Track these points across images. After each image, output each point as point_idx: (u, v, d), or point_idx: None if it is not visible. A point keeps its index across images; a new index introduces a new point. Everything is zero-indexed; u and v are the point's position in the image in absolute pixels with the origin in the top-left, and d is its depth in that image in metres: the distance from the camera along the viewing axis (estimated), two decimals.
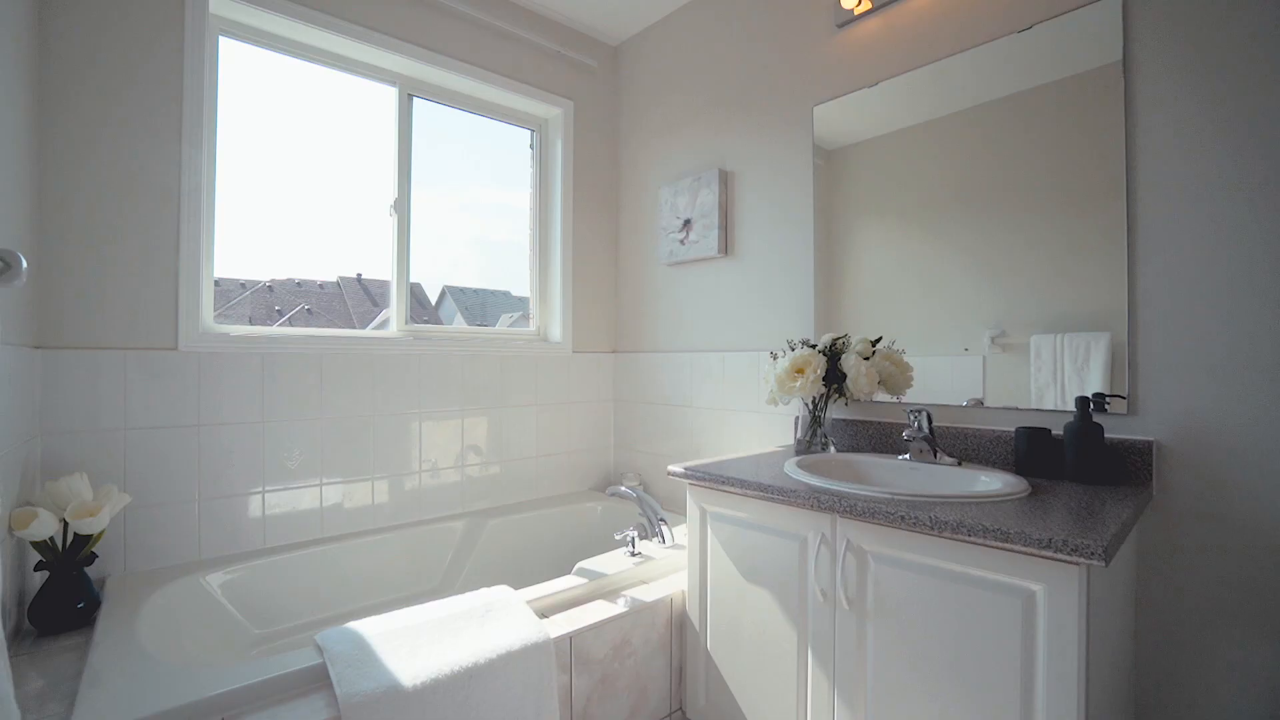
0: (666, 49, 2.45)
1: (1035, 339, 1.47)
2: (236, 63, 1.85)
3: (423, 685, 1.09)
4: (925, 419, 1.46)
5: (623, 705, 1.46)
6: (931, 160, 1.65)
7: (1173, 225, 1.28)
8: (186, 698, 1.01)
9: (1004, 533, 0.97)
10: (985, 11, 1.56)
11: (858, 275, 1.81)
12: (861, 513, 1.16)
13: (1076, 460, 1.31)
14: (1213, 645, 1.22)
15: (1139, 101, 1.33)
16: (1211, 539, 1.23)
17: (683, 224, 2.27)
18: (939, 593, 1.08)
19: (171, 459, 1.65)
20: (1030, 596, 0.98)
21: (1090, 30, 1.39)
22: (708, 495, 1.49)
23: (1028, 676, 0.98)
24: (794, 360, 1.63)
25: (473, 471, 2.25)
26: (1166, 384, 1.29)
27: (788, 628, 1.32)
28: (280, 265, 2.00)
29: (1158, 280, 1.30)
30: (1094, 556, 0.88)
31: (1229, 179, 1.22)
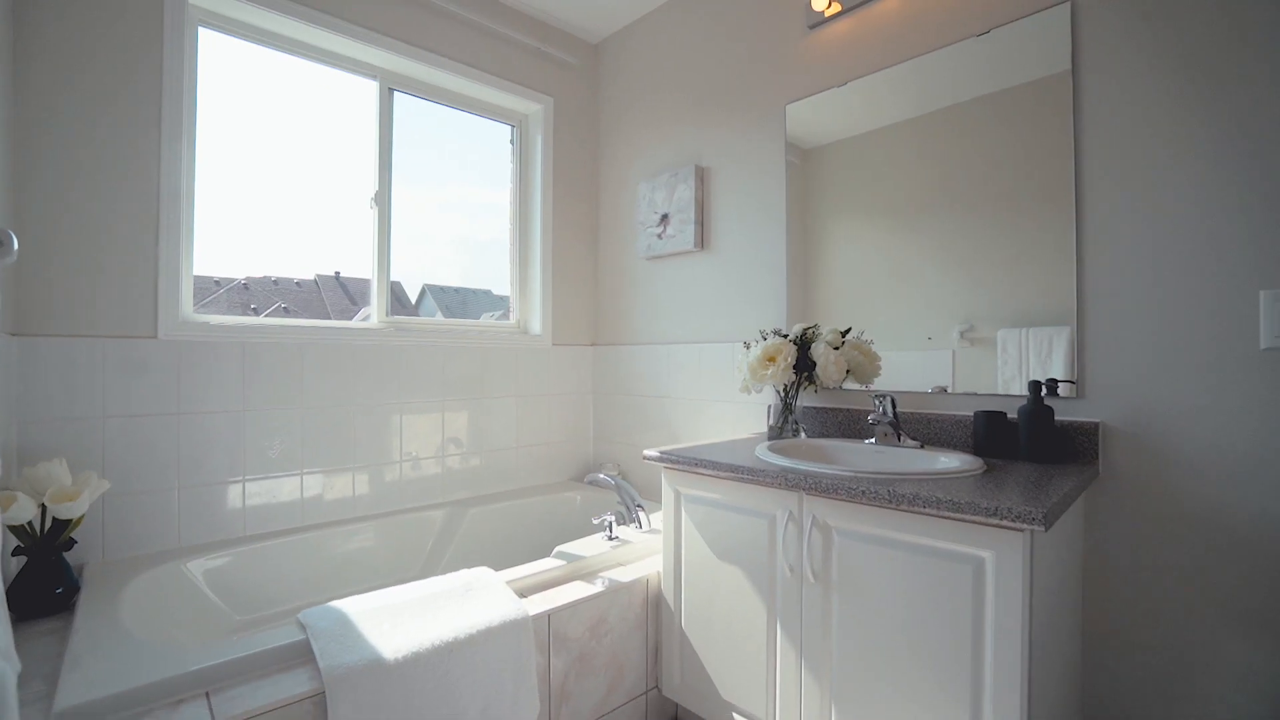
0: (645, 47, 2.50)
1: (1002, 333, 1.53)
2: (215, 54, 1.85)
3: (404, 658, 1.13)
4: (890, 404, 1.52)
5: (600, 683, 1.51)
6: (902, 161, 1.72)
7: (1115, 224, 1.36)
8: (170, 673, 1.03)
9: (956, 503, 1.04)
10: (946, 16, 1.63)
11: (832, 270, 1.88)
12: (826, 490, 1.22)
13: (1029, 441, 1.39)
14: (1155, 609, 1.31)
15: (1085, 107, 1.41)
16: (1151, 511, 1.31)
17: (660, 219, 2.32)
18: (898, 564, 1.14)
19: (151, 447, 1.66)
20: (980, 563, 1.04)
21: (1046, 38, 1.46)
22: (682, 478, 1.55)
23: (978, 637, 1.04)
24: (766, 349, 1.69)
25: (453, 463, 2.28)
26: (1111, 369, 1.37)
27: (758, 603, 1.38)
28: (256, 262, 2.00)
29: (1102, 274, 1.38)
30: (1035, 522, 0.95)
31: (1167, 180, 1.30)
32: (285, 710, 1.03)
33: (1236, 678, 1.21)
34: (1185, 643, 1.27)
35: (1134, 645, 1.33)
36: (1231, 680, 1.22)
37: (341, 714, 1.05)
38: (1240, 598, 1.21)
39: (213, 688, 1.05)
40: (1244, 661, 1.21)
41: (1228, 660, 1.22)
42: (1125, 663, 1.34)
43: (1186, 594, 1.27)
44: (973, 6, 1.58)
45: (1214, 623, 1.24)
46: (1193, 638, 1.26)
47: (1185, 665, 1.27)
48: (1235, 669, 1.22)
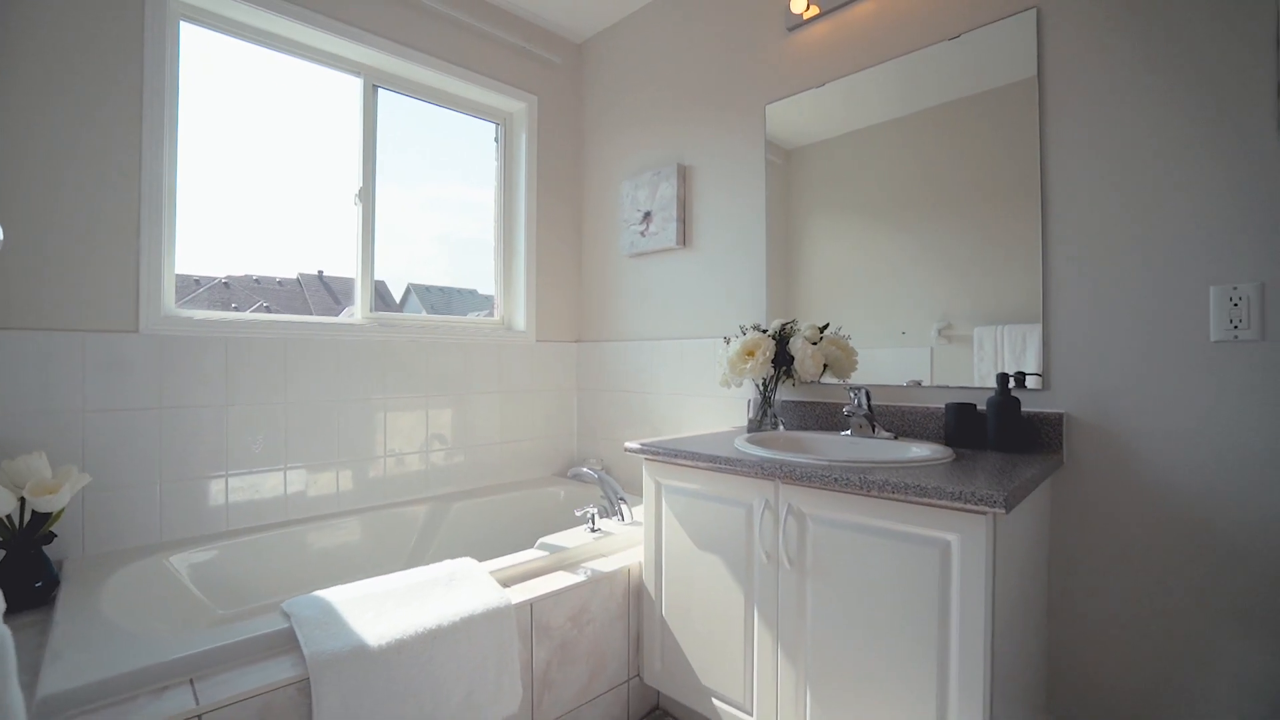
0: (628, 47, 2.53)
1: (978, 330, 1.58)
2: (197, 49, 1.85)
3: (388, 645, 1.15)
4: (864, 396, 1.57)
5: (582, 671, 1.54)
6: (881, 162, 1.76)
7: (1077, 224, 1.42)
8: (153, 660, 1.04)
9: (923, 489, 1.08)
10: (920, 19, 1.68)
11: (814, 268, 1.91)
12: (801, 478, 1.25)
13: (997, 431, 1.44)
14: (1118, 589, 1.36)
15: (1050, 111, 1.46)
16: (1111, 496, 1.37)
17: (643, 216, 2.35)
18: (869, 548, 1.18)
19: (132, 442, 1.65)
20: (946, 546, 1.09)
21: (1015, 44, 1.51)
22: (662, 469, 1.58)
23: (944, 616, 1.09)
24: (745, 344, 1.73)
25: (437, 459, 2.29)
26: (1074, 363, 1.42)
27: (736, 590, 1.41)
28: (238, 261, 1.98)
29: (1066, 272, 1.44)
30: (996, 505, 0.99)
31: (1125, 182, 1.36)
32: (270, 695, 1.04)
33: (1193, 652, 1.27)
34: (1145, 618, 1.33)
35: (1098, 623, 1.38)
36: (1188, 654, 1.28)
37: (326, 699, 1.06)
38: (1192, 574, 1.27)
39: (197, 675, 1.06)
40: (1199, 634, 1.26)
41: (1184, 634, 1.28)
42: (1090, 639, 1.39)
43: (1146, 573, 1.33)
44: (945, 11, 1.63)
45: (1170, 598, 1.30)
46: (1151, 613, 1.32)
47: (1146, 640, 1.32)
48: (1191, 643, 1.27)
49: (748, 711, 1.40)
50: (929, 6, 1.66)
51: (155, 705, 0.98)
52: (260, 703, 1.03)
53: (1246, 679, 1.22)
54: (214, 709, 0.99)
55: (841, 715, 1.23)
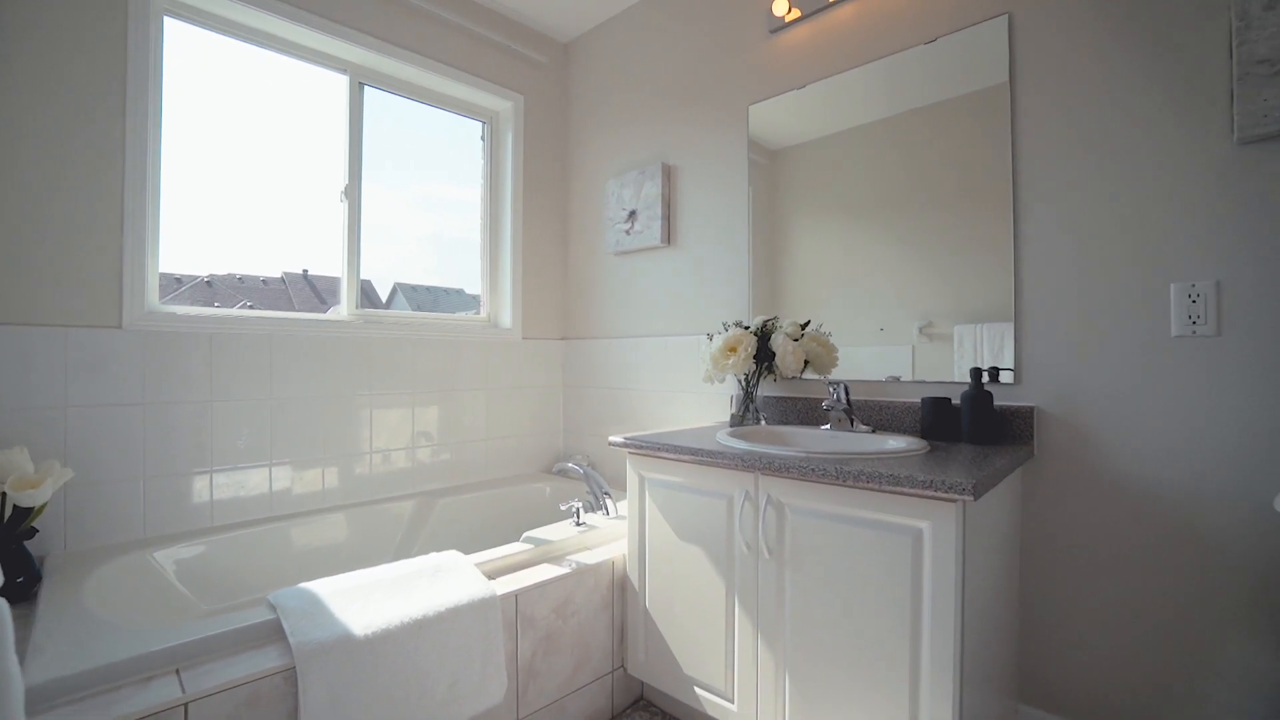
0: (613, 48, 2.56)
1: (958, 328, 1.62)
2: (181, 45, 1.85)
3: (374, 635, 1.16)
4: (843, 390, 1.60)
5: (567, 661, 1.56)
6: (863, 163, 1.79)
7: (1047, 225, 1.47)
8: (139, 650, 1.05)
9: (896, 478, 1.11)
10: (897, 23, 1.72)
11: (798, 268, 1.94)
12: (780, 470, 1.29)
13: (970, 424, 1.48)
14: (1085, 576, 1.41)
15: (1020, 115, 1.51)
16: (1079, 486, 1.41)
17: (628, 215, 2.38)
18: (845, 537, 1.22)
19: (115, 437, 1.65)
20: (918, 533, 1.12)
21: (990, 49, 1.55)
22: (646, 463, 1.60)
23: (916, 600, 1.12)
24: (727, 340, 1.76)
25: (423, 456, 2.30)
26: (1044, 357, 1.47)
27: (717, 580, 1.44)
28: (220, 259, 1.97)
29: (1036, 271, 1.48)
30: (965, 492, 1.03)
31: (1091, 184, 1.40)
32: (256, 684, 1.05)
33: (1157, 637, 1.32)
34: (1112, 604, 1.37)
35: (1068, 609, 1.43)
36: (1154, 639, 1.33)
37: (312, 688, 1.08)
38: (1155, 560, 1.32)
39: (183, 665, 1.07)
40: (1163, 619, 1.31)
41: (1149, 620, 1.33)
42: (1060, 626, 1.44)
43: (1112, 560, 1.38)
44: (921, 15, 1.68)
45: (1134, 585, 1.35)
46: (1118, 599, 1.37)
47: (1113, 626, 1.37)
48: (1156, 628, 1.32)
49: (729, 699, 1.43)
50: (906, 11, 1.71)
51: (141, 695, 0.99)
52: (247, 691, 1.04)
53: (1210, 660, 1.27)
54: (200, 697, 1.00)
55: (819, 700, 1.26)
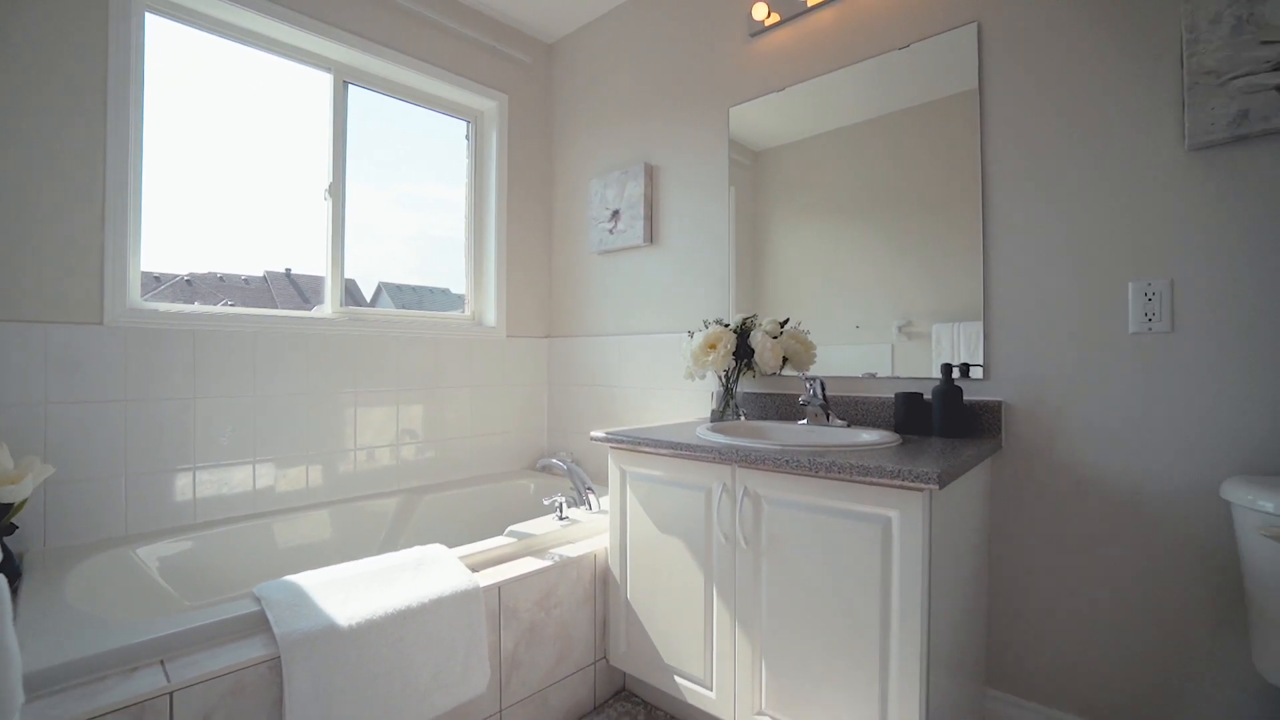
0: (597, 49, 2.59)
1: (936, 327, 1.66)
2: (162, 41, 1.85)
3: (358, 625, 1.18)
4: (819, 386, 1.65)
5: (549, 653, 1.58)
6: (845, 165, 1.83)
7: (1014, 226, 1.52)
8: (123, 642, 1.06)
9: (866, 468, 1.16)
10: (873, 29, 1.77)
11: (781, 267, 1.98)
12: (756, 462, 1.32)
13: (941, 418, 1.53)
14: (1052, 564, 1.46)
15: (989, 120, 1.56)
16: (1044, 476, 1.47)
17: (611, 214, 2.41)
18: (819, 526, 1.26)
19: (96, 434, 1.65)
20: (887, 522, 1.17)
21: (962, 56, 1.60)
22: (627, 457, 1.64)
23: (885, 586, 1.17)
24: (707, 337, 1.80)
25: (408, 454, 2.31)
26: (1011, 353, 1.53)
27: (696, 571, 1.48)
28: (201, 258, 1.95)
29: (1004, 270, 1.54)
30: (931, 482, 1.08)
31: (1054, 187, 1.46)
32: (241, 674, 1.07)
33: (1120, 622, 1.38)
34: (1077, 591, 1.43)
35: (1036, 597, 1.49)
36: (1117, 624, 1.38)
37: (297, 678, 1.10)
38: (1116, 545, 1.38)
39: (167, 656, 1.08)
40: (1125, 605, 1.37)
41: (1111, 606, 1.39)
42: (1028, 613, 1.50)
43: (1077, 548, 1.43)
44: (896, 22, 1.72)
45: (1098, 572, 1.40)
46: (1083, 586, 1.42)
47: (1078, 612, 1.43)
48: (1118, 613, 1.38)
49: (707, 687, 1.47)
50: (881, 17, 1.75)
51: (126, 685, 1.00)
52: (232, 680, 1.06)
53: (1166, 642, 1.33)
54: (185, 686, 1.01)
55: (793, 685, 1.30)
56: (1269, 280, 1.21)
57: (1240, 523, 1.11)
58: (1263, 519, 1.06)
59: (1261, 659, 1.11)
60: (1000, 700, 1.52)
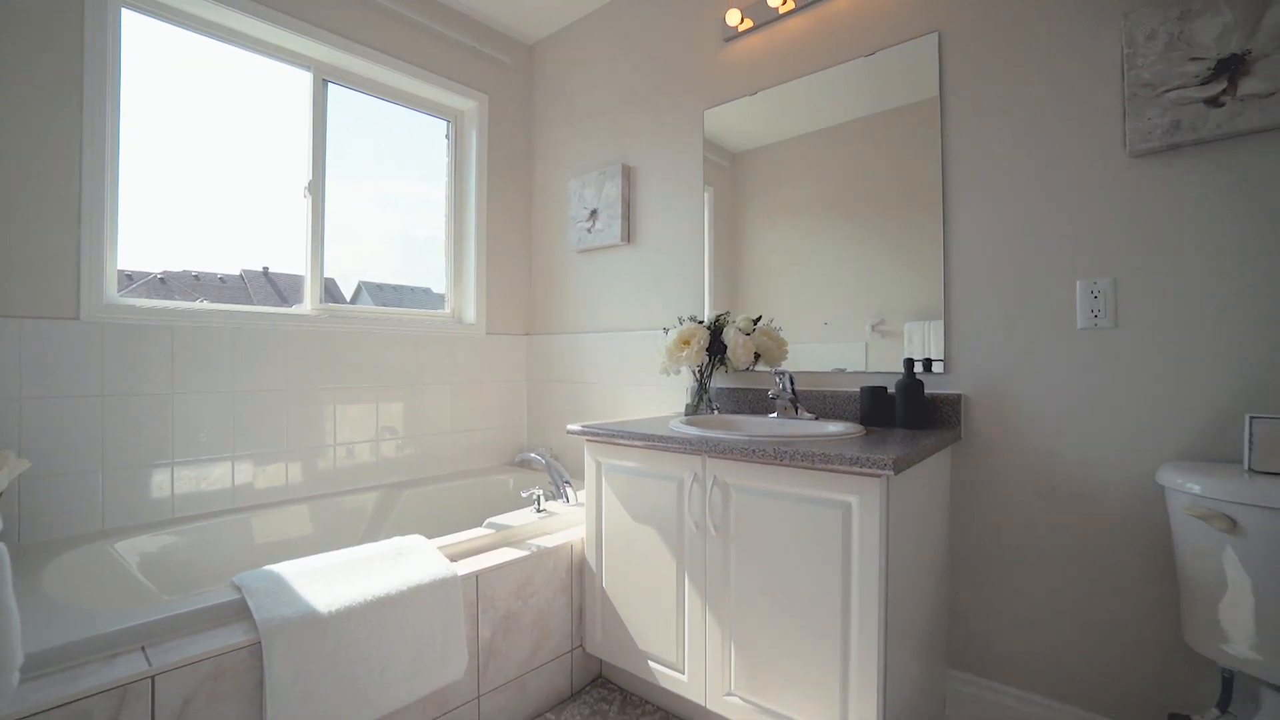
0: (576, 51, 2.63)
1: (908, 325, 1.72)
2: (138, 38, 1.85)
3: (338, 611, 1.22)
4: (789, 380, 1.71)
5: (527, 640, 1.63)
6: (819, 167, 1.88)
7: (971, 228, 1.59)
8: (103, 629, 1.08)
9: (827, 456, 1.22)
10: (841, 36, 1.84)
11: (758, 266, 2.03)
12: (725, 452, 1.38)
13: (904, 410, 1.60)
14: (1008, 550, 1.54)
15: (949, 126, 1.63)
16: (1000, 464, 1.55)
17: (590, 214, 2.45)
18: (784, 513, 1.32)
19: (72, 429, 1.65)
20: (848, 507, 1.23)
21: (925, 65, 1.67)
22: (603, 449, 1.68)
23: (846, 568, 1.23)
24: (681, 333, 1.85)
25: (388, 451, 2.33)
26: (970, 349, 1.60)
27: (668, 558, 1.53)
28: (175, 256, 1.94)
29: (962, 270, 1.61)
30: (886, 468, 1.14)
31: (1007, 190, 1.54)
32: (221, 659, 1.10)
33: (1071, 606, 1.46)
34: (1032, 576, 1.51)
35: (994, 581, 1.56)
36: (1070, 608, 1.46)
37: (277, 662, 1.13)
38: (1067, 530, 1.46)
39: (148, 643, 1.11)
40: (1076, 588, 1.45)
41: (1064, 589, 1.47)
42: (987, 596, 1.57)
43: (1032, 534, 1.51)
44: (862, 30, 1.79)
45: (1052, 557, 1.48)
46: (1037, 571, 1.50)
47: (1033, 596, 1.51)
48: (1068, 597, 1.46)
49: (679, 670, 1.52)
50: (848, 25, 1.82)
51: (107, 670, 1.02)
52: (212, 665, 1.09)
53: (1113, 620, 1.41)
54: (167, 670, 1.04)
55: (761, 666, 1.36)
56: (1200, 279, 1.30)
57: (1172, 505, 1.19)
58: (1190, 500, 1.14)
59: (1189, 631, 1.19)
60: (961, 680, 1.59)
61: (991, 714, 1.54)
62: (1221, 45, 1.20)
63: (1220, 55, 1.20)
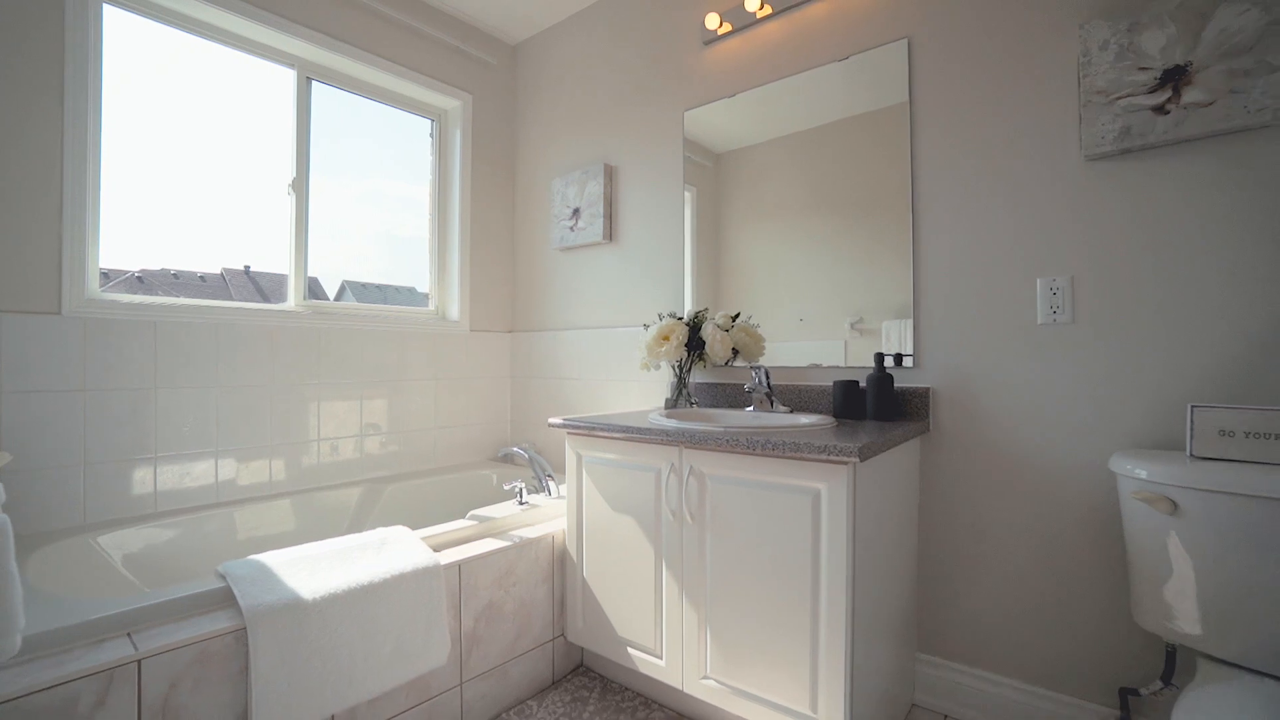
0: (560, 52, 2.66)
1: (885, 324, 1.77)
2: (122, 34, 1.86)
3: (322, 598, 1.24)
4: (764, 375, 1.76)
5: (509, 629, 1.66)
6: (800, 168, 1.93)
7: (939, 229, 1.66)
8: (89, 616, 1.10)
9: (797, 445, 1.27)
10: (816, 41, 1.89)
11: (740, 264, 2.07)
12: (700, 443, 1.43)
13: (874, 403, 1.66)
14: (974, 533, 1.60)
15: (918, 130, 1.69)
16: (965, 453, 1.61)
17: (572, 212, 2.49)
18: (757, 500, 1.37)
19: (54, 423, 1.66)
20: (817, 494, 1.28)
21: (897, 70, 1.72)
22: (583, 442, 1.72)
23: (815, 555, 1.28)
24: (661, 329, 1.90)
25: (372, 447, 2.35)
26: (938, 344, 1.66)
27: (646, 547, 1.58)
28: (153, 254, 1.93)
29: (931, 269, 1.67)
30: (852, 455, 1.19)
31: (973, 193, 1.60)
32: (207, 643, 1.12)
33: (1035, 589, 1.53)
34: (999, 562, 1.57)
35: (962, 567, 1.63)
36: (1033, 592, 1.53)
37: (262, 646, 1.15)
38: (1030, 515, 1.53)
39: (134, 629, 1.13)
40: (1033, 566, 1.52)
41: (1025, 568, 1.53)
42: (955, 581, 1.63)
43: (997, 522, 1.57)
44: (836, 35, 1.85)
45: (1016, 543, 1.55)
46: (1003, 557, 1.57)
47: (1000, 582, 1.57)
48: (1031, 581, 1.53)
49: (658, 656, 1.56)
50: (823, 30, 1.88)
51: (93, 654, 1.04)
52: (198, 650, 1.11)
53: (1070, 602, 1.47)
54: (153, 654, 1.06)
55: (735, 650, 1.41)
56: (1150, 277, 1.37)
57: (1121, 490, 1.26)
58: (1137, 485, 1.21)
59: (1137, 610, 1.25)
60: (929, 663, 1.65)
61: (959, 695, 1.60)
62: (1166, 57, 1.27)
63: (1165, 66, 1.27)
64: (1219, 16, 1.21)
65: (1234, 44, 1.19)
